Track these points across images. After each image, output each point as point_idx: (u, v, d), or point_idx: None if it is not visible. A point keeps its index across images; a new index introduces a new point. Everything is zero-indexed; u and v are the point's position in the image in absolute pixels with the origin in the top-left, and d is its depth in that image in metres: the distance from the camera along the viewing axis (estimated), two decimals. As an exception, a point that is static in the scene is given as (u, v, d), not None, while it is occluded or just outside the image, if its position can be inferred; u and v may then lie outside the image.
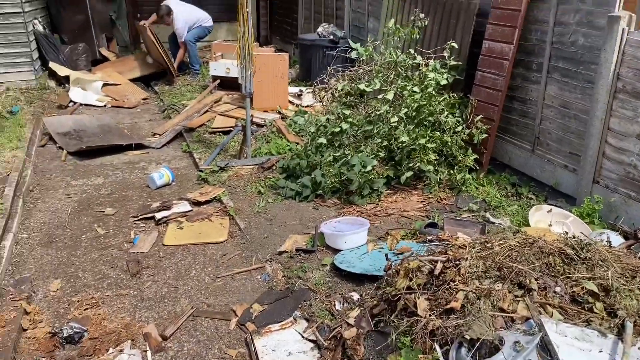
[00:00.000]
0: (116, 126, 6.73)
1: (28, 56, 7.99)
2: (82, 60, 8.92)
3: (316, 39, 7.86)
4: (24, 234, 4.26)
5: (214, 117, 6.75)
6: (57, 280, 3.63)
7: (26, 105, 7.22)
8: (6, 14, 7.68)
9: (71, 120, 6.61)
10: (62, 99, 7.67)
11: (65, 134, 6.26)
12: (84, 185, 5.18)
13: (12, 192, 4.70)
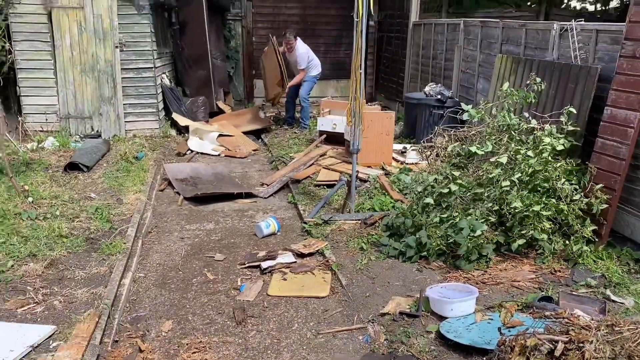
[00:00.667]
0: (228, 175, 7.11)
1: (155, 107, 8.76)
2: (201, 112, 9.61)
3: (423, 97, 7.92)
4: (141, 273, 4.54)
5: (319, 170, 6.93)
6: (169, 321, 3.81)
7: (150, 151, 7.85)
8: (140, 68, 8.53)
9: (189, 168, 7.08)
10: (181, 147, 8.26)
11: (182, 180, 6.70)
12: (196, 230, 5.47)
13: (133, 233, 5.07)
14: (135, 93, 8.59)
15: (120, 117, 8.52)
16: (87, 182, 6.46)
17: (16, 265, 4.32)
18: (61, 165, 6.95)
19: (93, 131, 8.47)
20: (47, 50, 8.21)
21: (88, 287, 4.07)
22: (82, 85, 8.33)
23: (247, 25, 11.99)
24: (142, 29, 8.36)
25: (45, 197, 5.75)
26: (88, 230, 5.07)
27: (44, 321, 3.61)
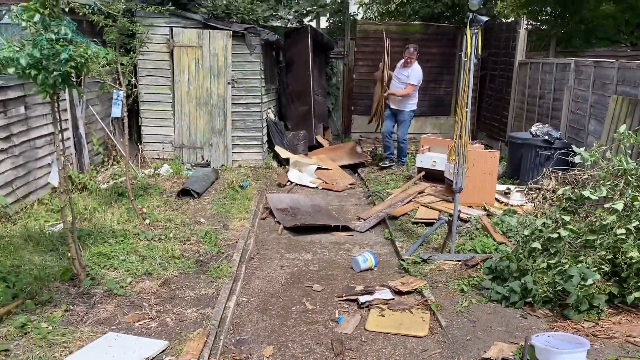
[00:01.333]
0: (326, 207, 7.27)
1: (259, 139, 9.21)
2: (301, 145, 9.95)
3: (529, 137, 7.68)
4: (244, 298, 4.74)
5: (417, 208, 6.89)
6: (270, 346, 3.94)
7: (253, 181, 8.23)
8: (248, 103, 9.04)
9: (289, 198, 7.33)
10: (281, 178, 8.58)
11: (282, 210, 6.95)
12: (295, 259, 5.63)
13: (238, 258, 5.32)
14: (242, 126, 9.10)
15: (228, 148, 9.04)
16: (197, 208, 6.89)
17: (134, 282, 4.68)
18: (174, 190, 7.47)
19: (203, 160, 9.03)
20: (167, 85, 8.96)
21: (197, 307, 4.32)
22: (196, 117, 8.96)
23: (348, 63, 12.35)
24: (253, 67, 8.90)
25: (160, 219, 6.20)
26: (198, 252, 5.39)
27: (157, 336, 3.87)
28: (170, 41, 8.73)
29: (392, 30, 12.13)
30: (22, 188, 6.39)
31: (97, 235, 5.51)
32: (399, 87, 8.98)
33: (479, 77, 12.08)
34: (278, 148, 9.45)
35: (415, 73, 8.94)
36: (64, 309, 4.14)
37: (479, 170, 6.69)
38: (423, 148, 8.35)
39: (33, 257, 4.97)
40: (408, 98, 9.00)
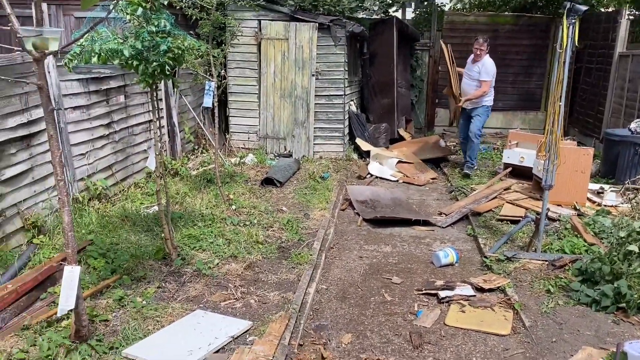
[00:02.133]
0: (406, 201, 7.22)
1: (341, 131, 9.28)
2: (382, 138, 9.92)
3: (627, 135, 7.21)
4: (323, 285, 4.83)
5: (502, 205, 6.68)
6: (348, 334, 4.00)
7: (334, 172, 8.32)
8: (331, 95, 9.13)
9: (369, 191, 7.35)
10: (361, 171, 8.61)
11: (362, 202, 6.98)
12: (374, 251, 5.65)
13: (318, 247, 5.43)
14: (325, 118, 9.21)
15: (310, 139, 9.19)
16: (280, 196, 7.08)
17: (220, 264, 4.91)
18: (258, 179, 7.71)
19: (286, 151, 9.24)
20: (254, 77, 9.23)
21: (279, 290, 4.46)
22: (280, 109, 9.18)
23: (434, 55, 12.11)
24: (337, 59, 8.96)
25: (245, 206, 6.44)
26: (280, 239, 5.56)
27: (242, 316, 4.04)
28: (258, 34, 8.98)
29: (481, 21, 11.78)
30: (120, 172, 6.86)
31: (188, 218, 5.81)
32: (471, 85, 8.20)
33: (573, 70, 11.45)
34: (359, 140, 9.48)
35: (486, 68, 8.07)
36: (157, 285, 4.43)
37: (571, 168, 6.37)
38: (511, 143, 8.06)
39: (130, 236, 5.33)
40: (484, 95, 8.16)
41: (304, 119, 9.15)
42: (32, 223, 5.08)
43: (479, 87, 8.11)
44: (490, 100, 8.26)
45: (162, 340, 3.57)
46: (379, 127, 10.03)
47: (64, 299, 3.24)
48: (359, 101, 10.45)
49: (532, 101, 11.70)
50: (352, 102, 9.79)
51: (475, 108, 8.25)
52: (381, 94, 10.35)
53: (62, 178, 3.20)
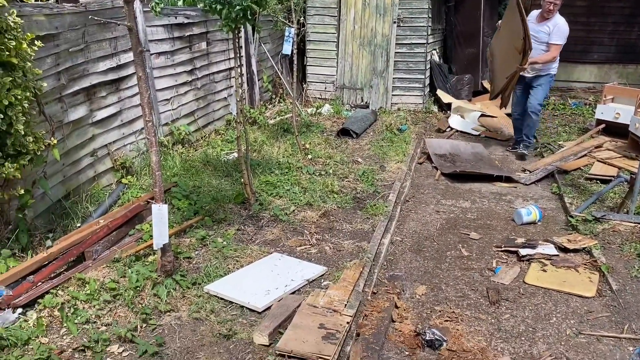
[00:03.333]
0: (488, 156, 6.95)
1: (421, 82, 8.99)
2: (464, 90, 9.51)
3: None
4: (397, 237, 4.80)
5: (592, 163, 6.28)
6: (423, 286, 3.97)
7: (412, 125, 8.12)
8: (412, 44, 8.81)
9: (448, 144, 7.13)
10: (441, 124, 8.34)
11: (441, 156, 6.79)
12: (452, 206, 5.51)
13: (394, 199, 5.36)
14: (405, 68, 8.93)
15: (388, 90, 8.98)
16: (356, 148, 7.03)
17: (296, 211, 4.98)
18: (334, 129, 7.68)
19: (362, 102, 9.11)
20: (333, 24, 9.06)
21: (353, 239, 4.48)
22: (358, 58, 8.99)
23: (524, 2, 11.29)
24: (420, 5, 8.58)
25: (321, 156, 6.45)
26: (355, 190, 5.54)
27: (317, 261, 4.10)
28: (338, -20, 8.74)
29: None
30: (202, 118, 7.05)
31: (265, 166, 5.91)
32: (536, 49, 6.48)
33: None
34: (440, 92, 9.15)
35: (559, 29, 6.46)
36: (236, 227, 4.57)
37: (675, 125, 5.84)
38: (605, 98, 7.48)
39: (211, 180, 5.50)
40: (552, 61, 6.63)
41: (383, 69, 8.92)
42: (121, 164, 5.35)
43: (545, 52, 6.57)
44: (555, 68, 6.72)
45: (241, 279, 3.71)
46: (461, 78, 9.61)
47: (157, 234, 3.41)
48: (441, 51, 10.02)
49: (632, 53, 10.73)
50: (434, 51, 9.41)
51: (538, 77, 6.68)
52: (466, 44, 9.86)
53: (150, 119, 3.30)
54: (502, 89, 7.06)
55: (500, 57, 7.09)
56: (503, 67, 6.93)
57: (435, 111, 9.09)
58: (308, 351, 2.90)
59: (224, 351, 3.04)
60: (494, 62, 7.36)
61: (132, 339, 3.08)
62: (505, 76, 6.82)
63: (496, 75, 7.35)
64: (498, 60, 7.19)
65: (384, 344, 3.28)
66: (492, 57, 7.43)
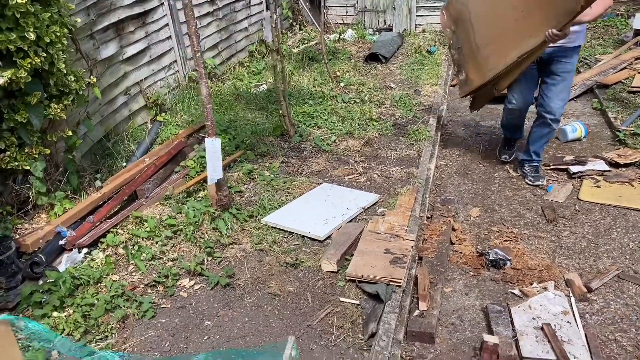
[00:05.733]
0: (522, 74, 6.73)
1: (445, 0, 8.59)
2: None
3: None
4: (442, 162, 4.73)
5: (634, 75, 6.06)
6: (476, 208, 3.94)
7: (440, 46, 7.85)
8: (436, -39, 8.36)
9: (481, 64, 6.89)
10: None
11: (474, 77, 6.58)
12: (491, 127, 5.40)
13: (435, 123, 5.25)
14: (428, -14, 8.53)
15: (412, 11, 8.62)
16: (386, 73, 6.83)
17: (338, 141, 4.90)
18: (361, 55, 7.45)
19: (385, 25, 8.79)
20: (351, -56, 8.58)
21: (400, 166, 4.42)
22: (380, -22, 8.58)
23: None
24: None
25: (352, 83, 6.29)
26: (393, 116, 5.43)
27: (367, 190, 4.07)
28: None
29: None
30: (225, 50, 6.85)
31: (298, 96, 5.78)
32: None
33: None
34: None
35: None
36: (280, 160, 4.52)
37: None
38: (644, 7, 7.12)
39: (246, 114, 5.41)
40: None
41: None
42: (154, 101, 5.26)
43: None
44: (583, 37, 3.99)
45: (296, 210, 3.69)
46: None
47: (211, 169, 3.37)
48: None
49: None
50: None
51: (562, 50, 3.91)
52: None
53: (198, 49, 3.17)
54: (491, 81, 4.21)
55: (491, 22, 4.12)
56: (501, 41, 3.99)
57: (461, 31, 8.74)
58: (379, 275, 2.92)
59: (294, 279, 3.07)
60: (472, 32, 4.33)
61: (201, 272, 3.11)
62: (507, 56, 3.92)
63: (478, 56, 4.28)
64: (485, 27, 4.21)
65: (447, 265, 3.29)
66: (460, 23, 4.46)
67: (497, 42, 4.07)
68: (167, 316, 2.83)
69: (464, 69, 4.56)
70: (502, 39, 3.99)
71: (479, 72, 4.33)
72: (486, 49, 4.20)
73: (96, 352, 1.68)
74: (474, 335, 2.74)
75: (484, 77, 4.27)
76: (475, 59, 4.35)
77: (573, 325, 2.68)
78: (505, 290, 3.05)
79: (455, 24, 4.56)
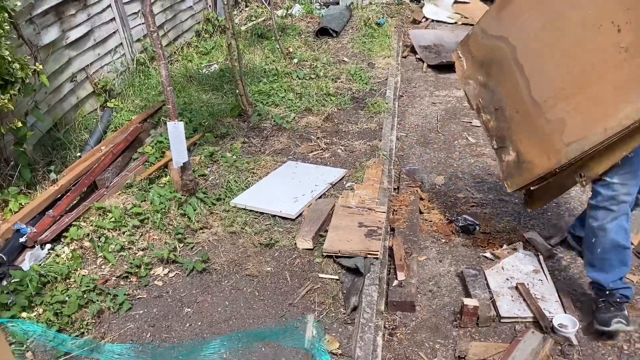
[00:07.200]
0: (471, 43, 6.85)
1: (391, -27, 8.60)
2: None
3: None
4: (402, 133, 4.78)
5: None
6: (440, 176, 4.02)
7: (388, 18, 7.86)
8: None
9: (432, 35, 6.98)
10: (416, 14, 8.11)
11: (425, 47, 6.66)
12: (446, 96, 5.49)
13: (392, 95, 5.29)
14: (373, -42, 8.50)
15: (358, -17, 8.58)
16: (338, 47, 6.80)
17: (297, 118, 4.86)
18: (311, 30, 7.37)
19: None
20: None
21: (363, 139, 4.43)
22: (324, -49, 8.47)
23: None
24: None
25: (306, 59, 6.22)
26: (351, 90, 5.42)
27: (333, 165, 4.06)
28: None
29: None
30: (171, 31, 6.61)
31: (252, 75, 5.67)
32: None
33: None
34: (410, -18, 8.78)
35: None
36: (241, 141, 4.44)
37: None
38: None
39: (200, 95, 5.27)
40: None
41: (351, -38, 8.46)
42: (102, 87, 5.03)
43: None
44: None
45: (264, 190, 3.65)
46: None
47: (175, 152, 3.27)
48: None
49: None
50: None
51: None
52: None
53: (155, 29, 3.04)
54: (572, 162, 2.40)
55: (564, 61, 2.51)
56: (592, 92, 2.34)
57: (407, 2, 8.80)
58: (356, 249, 2.94)
59: (270, 259, 3.05)
60: (520, 79, 2.73)
61: (175, 259, 3.04)
62: (608, 119, 2.23)
63: (539, 120, 2.59)
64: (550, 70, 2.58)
65: (419, 234, 3.35)
66: (495, 68, 2.92)
67: (582, 95, 2.34)
68: (145, 307, 2.76)
69: (512, 143, 2.74)
70: (594, 89, 2.30)
71: (545, 148, 2.50)
72: (557, 107, 2.45)
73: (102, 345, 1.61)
74: (452, 300, 2.81)
75: (557, 156, 2.41)
76: (534, 126, 2.58)
77: (545, 283, 2.79)
78: (477, 255, 3.14)
79: (484, 71, 2.97)
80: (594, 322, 2.47)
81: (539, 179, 2.59)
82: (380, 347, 2.48)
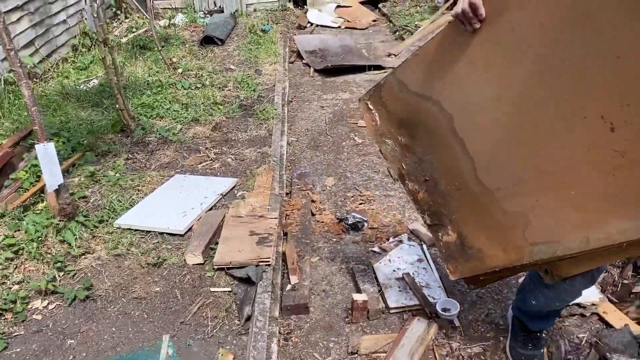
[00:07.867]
0: (356, 47, 7.08)
1: (273, -21, 8.68)
2: (316, -17, 9.37)
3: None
4: (292, 137, 4.83)
5: (449, 39, 6.70)
6: (330, 177, 4.10)
7: (273, 24, 7.92)
8: (258, -61, 8.36)
9: (317, 40, 7.12)
10: (301, 20, 8.25)
11: (311, 52, 6.78)
12: (333, 99, 5.63)
13: (280, 101, 5.32)
14: (254, -35, 8.53)
15: (241, -9, 8.57)
16: (224, 55, 6.73)
17: (184, 129, 4.74)
18: (195, 39, 7.24)
19: (216, 7, 8.63)
20: None
21: (253, 147, 4.42)
22: (203, -41, 8.36)
23: None
24: None
25: (191, 68, 6.10)
26: (238, 98, 5.39)
27: (223, 175, 4.01)
28: None
29: None
30: (44, 47, 6.22)
31: (134, 87, 5.46)
32: None
33: None
34: (293, -12, 8.90)
35: None
36: (124, 157, 4.26)
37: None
38: (449, -25, 7.81)
39: (78, 112, 4.99)
40: None
41: (232, -31, 8.43)
42: (-35, 111, 4.62)
43: None
44: None
45: (151, 207, 3.53)
46: (310, -29, 9.42)
47: (48, 175, 3.07)
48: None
49: None
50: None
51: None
52: None
53: (12, 47, 2.83)
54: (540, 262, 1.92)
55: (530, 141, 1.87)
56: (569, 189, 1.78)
57: (292, 8, 8.93)
58: (247, 258, 2.92)
59: (159, 279, 2.94)
60: (460, 153, 2.11)
61: (54, 289, 2.85)
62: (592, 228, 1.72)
63: (492, 207, 2.00)
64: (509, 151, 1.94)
65: (312, 236, 3.39)
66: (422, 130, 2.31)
67: (553, 194, 1.82)
68: (23, 344, 2.56)
69: (451, 223, 2.19)
70: (571, 192, 1.78)
71: (500, 240, 1.99)
72: (515, 200, 1.93)
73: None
74: (344, 297, 2.88)
75: (519, 253, 1.92)
76: (484, 212, 2.04)
77: (429, 270, 2.94)
78: (367, 249, 3.23)
79: (405, 132, 2.39)
80: (506, 348, 2.41)
81: (492, 271, 2.07)
82: (276, 354, 2.48)
